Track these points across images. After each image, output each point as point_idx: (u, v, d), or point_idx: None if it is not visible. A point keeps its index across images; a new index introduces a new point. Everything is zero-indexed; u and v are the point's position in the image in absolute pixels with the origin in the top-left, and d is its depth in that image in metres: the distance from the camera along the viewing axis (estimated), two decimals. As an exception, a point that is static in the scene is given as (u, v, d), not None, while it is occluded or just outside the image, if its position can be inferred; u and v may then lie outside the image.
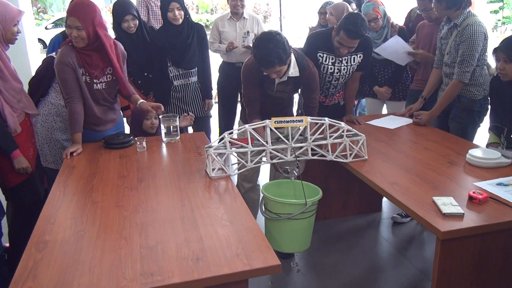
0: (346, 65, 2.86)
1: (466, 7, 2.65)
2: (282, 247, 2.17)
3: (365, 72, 3.09)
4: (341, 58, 2.83)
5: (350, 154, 2.27)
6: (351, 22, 2.58)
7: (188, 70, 3.26)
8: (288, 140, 2.13)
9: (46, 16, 19.92)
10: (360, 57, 2.86)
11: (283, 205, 2.08)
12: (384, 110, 3.60)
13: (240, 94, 3.57)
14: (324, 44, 2.81)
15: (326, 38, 2.81)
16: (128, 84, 2.61)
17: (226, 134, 2.10)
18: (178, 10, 3.10)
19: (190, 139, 2.67)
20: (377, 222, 3.15)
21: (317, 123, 2.20)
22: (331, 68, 2.86)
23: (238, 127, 2.37)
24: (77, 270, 1.37)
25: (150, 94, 3.30)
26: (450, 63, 2.75)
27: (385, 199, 3.28)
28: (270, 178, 2.83)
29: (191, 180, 2.05)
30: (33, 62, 4.25)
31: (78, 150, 2.43)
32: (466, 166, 2.17)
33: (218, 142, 2.19)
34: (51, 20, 16.23)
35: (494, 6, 16.50)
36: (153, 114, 2.74)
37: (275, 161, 2.17)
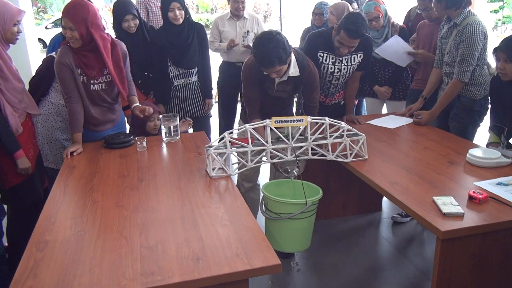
0: (346, 64, 2.87)
1: (466, 7, 2.65)
2: (282, 247, 2.17)
3: (365, 71, 3.09)
4: (341, 58, 2.83)
5: (350, 154, 2.27)
6: (352, 21, 2.59)
7: (188, 70, 3.26)
8: (288, 139, 2.13)
9: (46, 15, 19.89)
10: (360, 56, 2.86)
11: (283, 204, 2.08)
12: (384, 109, 3.60)
13: (240, 94, 3.57)
14: (324, 43, 2.81)
15: (326, 38, 2.81)
16: (126, 84, 2.58)
17: (226, 134, 2.10)
18: (178, 10, 3.10)
19: (190, 139, 2.67)
20: (377, 222, 3.16)
21: (317, 123, 2.20)
22: (331, 67, 2.86)
23: (238, 127, 2.37)
24: (77, 270, 1.38)
25: (150, 93, 3.30)
26: (450, 63, 2.75)
27: (385, 199, 3.28)
28: (270, 177, 2.83)
29: (191, 179, 2.05)
30: (33, 62, 4.27)
31: (78, 150, 2.43)
32: (466, 165, 2.17)
33: (218, 142, 2.19)
34: (51, 19, 16.20)
35: (494, 6, 16.47)
36: (156, 115, 2.74)
37: (275, 160, 2.17)
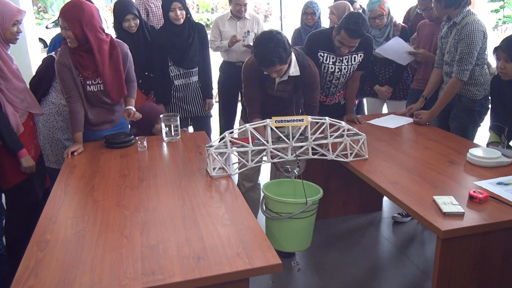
0: (346, 64, 2.87)
1: (465, 6, 2.65)
2: (282, 246, 2.18)
3: (365, 71, 3.09)
4: (341, 58, 2.83)
5: (351, 154, 2.27)
6: (352, 21, 2.59)
7: (189, 70, 3.27)
8: (288, 139, 2.14)
9: (47, 15, 19.89)
10: (360, 56, 2.86)
11: (284, 204, 2.09)
12: (384, 109, 3.60)
13: (240, 94, 3.57)
14: (324, 43, 2.81)
15: (326, 38, 2.81)
16: (123, 87, 2.54)
17: (226, 134, 2.10)
18: (179, 9, 3.11)
19: (190, 139, 2.67)
20: (377, 221, 3.16)
21: (317, 123, 2.20)
22: (332, 67, 2.86)
23: (239, 127, 2.37)
24: (78, 269, 1.38)
25: (150, 93, 3.30)
26: (450, 62, 2.75)
27: (385, 198, 3.28)
28: (271, 177, 2.83)
29: (192, 179, 2.05)
30: (33, 62, 4.27)
31: (79, 150, 2.43)
32: (467, 165, 2.17)
33: (219, 142, 2.19)
34: (52, 19, 16.18)
35: (495, 5, 16.46)
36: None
37: (276, 160, 2.17)
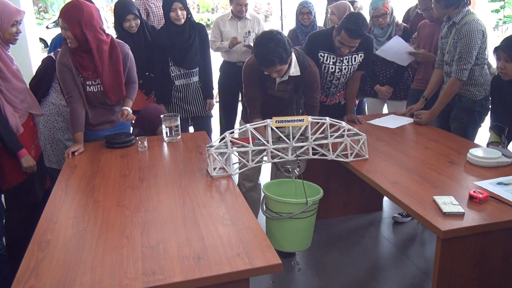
0: (347, 64, 2.87)
1: (465, 6, 2.65)
2: (283, 246, 2.18)
3: (366, 71, 3.09)
4: (342, 58, 2.83)
5: (351, 154, 2.27)
6: (352, 21, 2.59)
7: (189, 70, 3.27)
8: (289, 139, 2.14)
9: (47, 15, 19.88)
10: (361, 56, 2.86)
11: (284, 204, 2.09)
12: (385, 109, 3.60)
13: (241, 94, 3.57)
14: (325, 43, 2.81)
15: (327, 38, 2.81)
16: (123, 87, 2.54)
17: (227, 134, 2.10)
18: (180, 10, 3.11)
19: (191, 139, 2.68)
20: (377, 222, 3.16)
21: (318, 123, 2.20)
22: (332, 67, 2.86)
23: (239, 127, 2.37)
24: (79, 269, 1.38)
25: (151, 93, 3.31)
26: (450, 62, 2.75)
27: (385, 199, 3.28)
28: (271, 177, 2.84)
29: (192, 179, 2.06)
30: (34, 62, 4.27)
31: (79, 150, 2.44)
32: (467, 165, 2.17)
33: (219, 142, 2.20)
34: (52, 19, 16.17)
35: (495, 5, 16.45)
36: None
37: (276, 160, 2.17)
